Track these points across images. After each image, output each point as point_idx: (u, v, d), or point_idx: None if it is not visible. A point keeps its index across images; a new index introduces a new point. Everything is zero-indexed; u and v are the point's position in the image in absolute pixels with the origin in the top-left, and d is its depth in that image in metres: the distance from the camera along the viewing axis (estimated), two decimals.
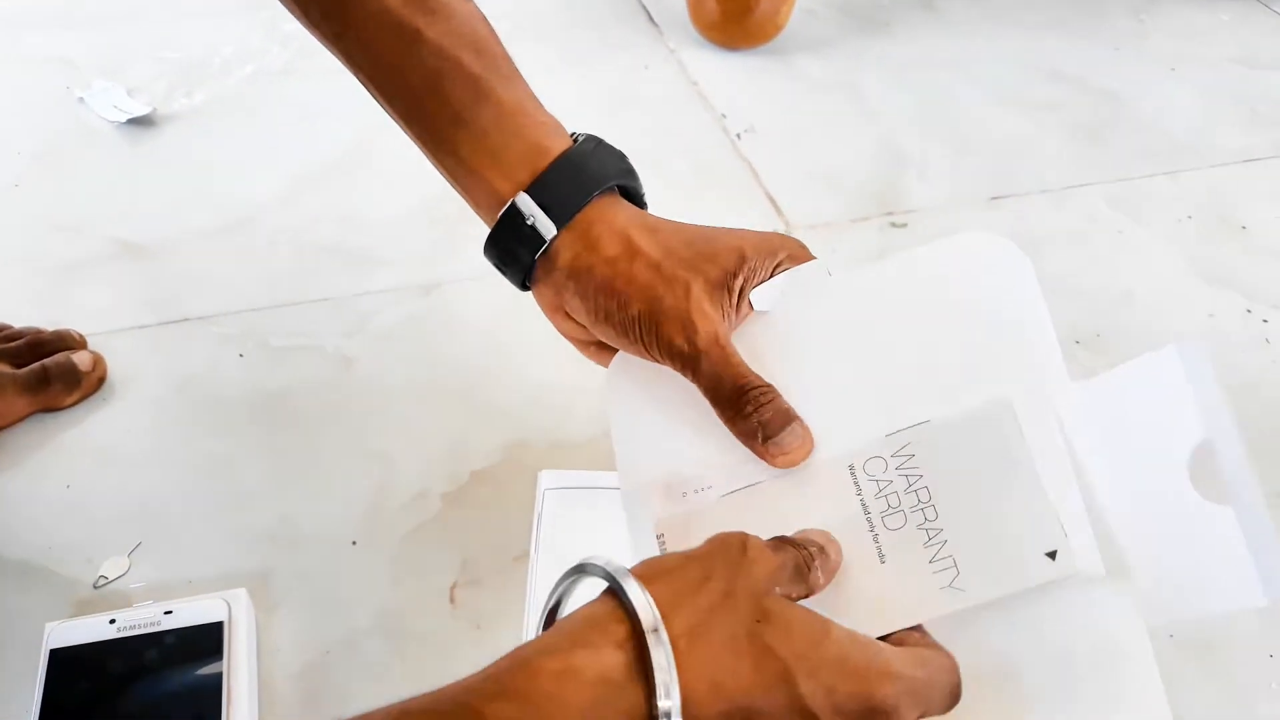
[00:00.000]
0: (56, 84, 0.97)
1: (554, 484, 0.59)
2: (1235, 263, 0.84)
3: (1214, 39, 1.14)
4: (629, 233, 0.46)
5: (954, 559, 0.41)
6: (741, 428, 0.43)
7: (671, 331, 0.43)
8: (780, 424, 0.42)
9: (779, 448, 0.42)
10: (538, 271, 0.48)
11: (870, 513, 0.42)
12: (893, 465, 0.42)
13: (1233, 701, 0.55)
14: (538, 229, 0.46)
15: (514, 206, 0.46)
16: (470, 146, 0.47)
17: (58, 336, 0.69)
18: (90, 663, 0.51)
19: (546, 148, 0.47)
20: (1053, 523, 0.40)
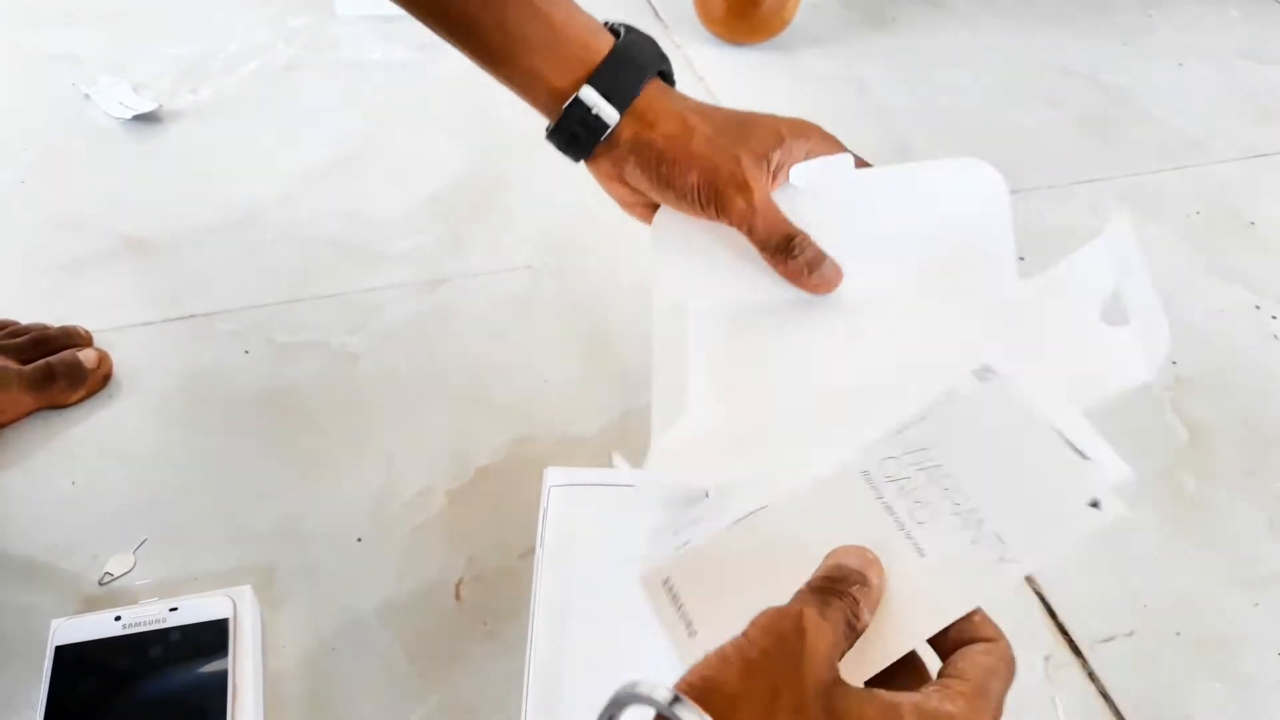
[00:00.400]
0: (62, 81, 0.97)
1: (560, 481, 0.59)
2: (1243, 258, 0.83)
3: (1222, 34, 1.14)
4: (683, 114, 0.53)
5: (997, 534, 0.40)
6: (791, 268, 0.52)
7: (730, 194, 0.52)
8: (819, 260, 0.52)
9: (821, 278, 0.52)
10: (598, 150, 0.54)
11: (896, 513, 0.41)
12: (908, 462, 0.42)
13: (1241, 699, 0.55)
14: (601, 116, 0.53)
15: (578, 100, 0.53)
16: (528, 59, 0.54)
17: (64, 333, 0.69)
18: (96, 660, 0.51)
19: (595, 46, 0.53)
20: (1088, 474, 0.40)
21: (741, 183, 0.52)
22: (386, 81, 0.99)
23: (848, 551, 0.40)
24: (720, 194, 0.52)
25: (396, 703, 0.53)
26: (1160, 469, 0.66)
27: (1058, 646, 0.57)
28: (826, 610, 0.36)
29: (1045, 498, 0.40)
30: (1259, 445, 0.68)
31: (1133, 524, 0.63)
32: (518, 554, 0.59)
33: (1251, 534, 0.63)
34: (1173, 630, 0.58)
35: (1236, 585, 0.60)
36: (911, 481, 0.42)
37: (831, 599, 0.37)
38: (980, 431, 0.42)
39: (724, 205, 0.52)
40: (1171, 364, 0.73)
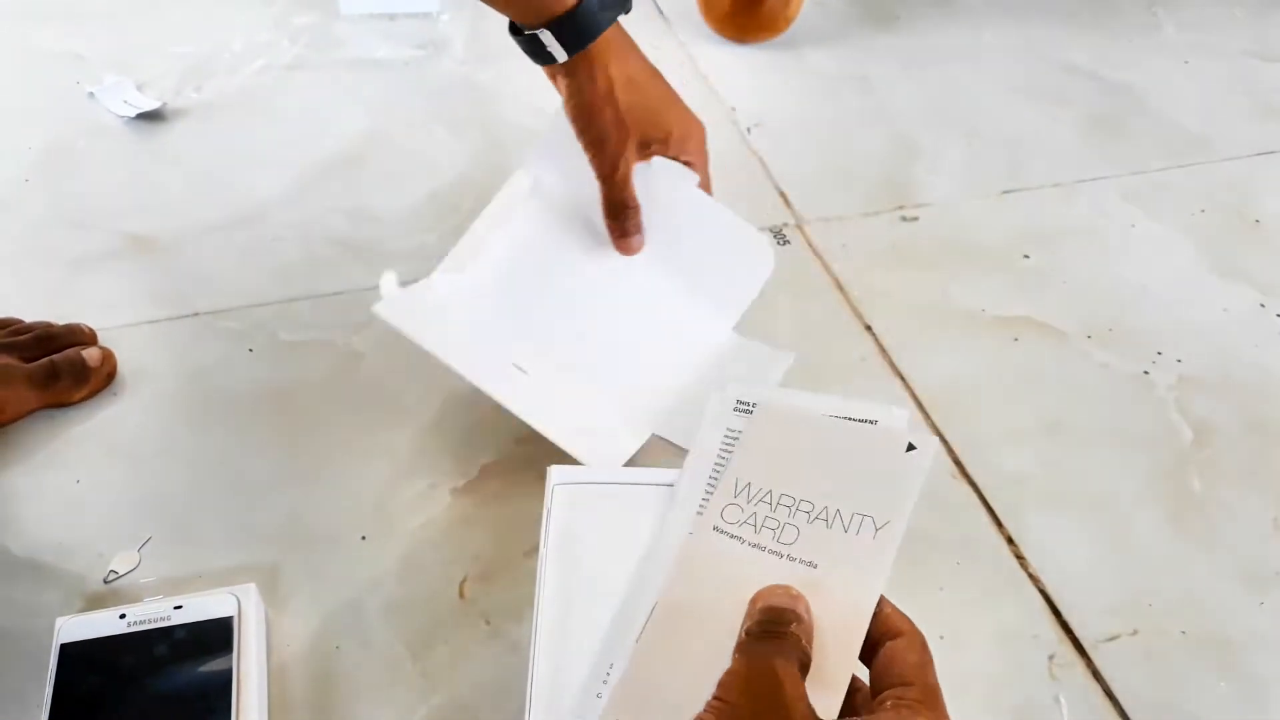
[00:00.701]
0: (66, 79, 0.97)
1: (564, 479, 0.59)
2: (1248, 256, 0.83)
3: (1228, 31, 1.14)
4: (614, 77, 0.63)
5: (857, 513, 0.43)
6: (613, 227, 0.68)
7: (608, 159, 0.65)
8: (635, 231, 0.68)
9: (627, 245, 0.68)
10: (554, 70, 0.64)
11: (767, 547, 0.44)
12: (743, 501, 0.45)
13: (1247, 698, 0.55)
14: (553, 53, 0.62)
15: (535, 35, 0.61)
16: None
17: (68, 331, 0.69)
18: (101, 658, 0.51)
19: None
20: (888, 431, 0.45)
21: (616, 157, 0.64)
22: (390, 80, 0.99)
23: (771, 592, 0.41)
24: (603, 151, 0.64)
25: (400, 701, 0.53)
26: (1165, 468, 0.66)
27: (1062, 646, 0.56)
28: (785, 652, 0.37)
29: (873, 467, 0.44)
30: (1264, 444, 0.68)
31: (1137, 523, 0.63)
32: (522, 552, 0.59)
33: (1257, 533, 0.63)
34: (1178, 629, 0.57)
35: (1242, 584, 0.60)
36: (758, 514, 0.45)
37: (779, 642, 0.38)
38: (781, 450, 0.46)
39: (600, 161, 0.65)
40: (1176, 362, 0.73)
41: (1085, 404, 0.70)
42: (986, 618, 0.58)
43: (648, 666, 0.42)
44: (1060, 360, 0.73)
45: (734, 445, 0.47)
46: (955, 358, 0.73)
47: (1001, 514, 0.63)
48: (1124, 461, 0.66)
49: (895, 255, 0.82)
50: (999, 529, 0.62)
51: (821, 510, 0.44)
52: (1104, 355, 0.74)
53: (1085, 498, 0.64)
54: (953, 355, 0.73)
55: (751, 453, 0.47)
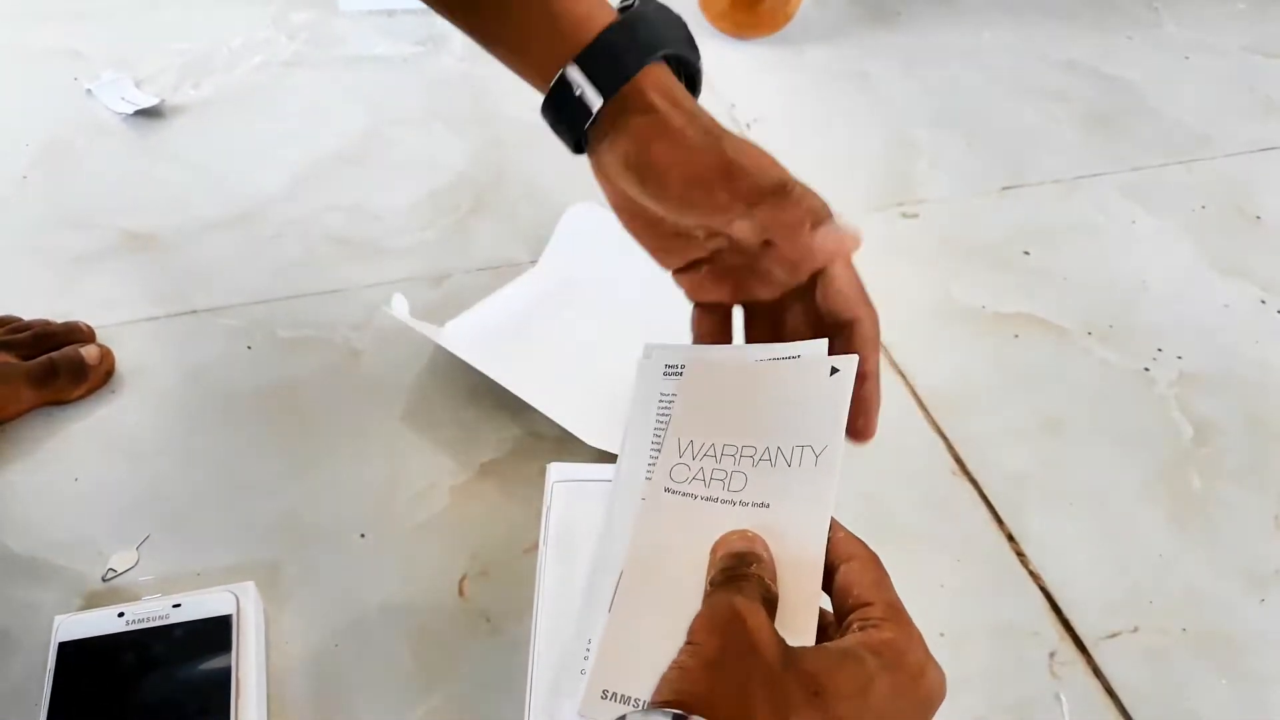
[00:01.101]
0: (64, 76, 0.97)
1: (563, 476, 0.58)
2: (1249, 253, 0.83)
3: (1228, 28, 1.13)
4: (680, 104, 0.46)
5: (796, 446, 0.43)
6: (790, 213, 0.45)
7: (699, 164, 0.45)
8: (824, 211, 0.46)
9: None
10: (591, 134, 0.48)
11: (718, 497, 0.44)
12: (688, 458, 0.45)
13: (1247, 696, 0.55)
14: (585, 99, 0.46)
15: (563, 78, 0.47)
16: (520, 33, 0.49)
17: (66, 328, 0.69)
18: (99, 656, 0.51)
19: (591, 20, 0.47)
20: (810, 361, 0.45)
21: (733, 168, 0.45)
22: (389, 77, 0.98)
23: (728, 539, 0.41)
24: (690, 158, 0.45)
25: (400, 699, 0.53)
26: (1165, 465, 0.66)
27: (1062, 643, 0.56)
28: (743, 586, 0.38)
29: (803, 396, 0.44)
30: (1265, 441, 0.68)
31: (1138, 520, 0.63)
32: (521, 550, 0.59)
33: (1257, 530, 0.63)
34: (1178, 627, 0.57)
35: (1242, 582, 0.60)
36: (705, 469, 0.45)
37: (741, 582, 0.38)
38: (716, 402, 0.46)
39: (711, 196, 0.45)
40: (1177, 359, 0.73)
41: (1086, 401, 0.70)
42: (987, 615, 0.57)
43: (624, 633, 0.42)
44: (1060, 357, 0.73)
45: (670, 408, 0.47)
46: (955, 355, 0.73)
47: (1002, 511, 0.63)
48: (1124, 459, 0.66)
49: (895, 252, 0.82)
50: (999, 526, 0.62)
51: (764, 452, 0.44)
52: (1104, 352, 0.74)
53: (1086, 495, 0.64)
54: (953, 352, 0.73)
55: (688, 411, 0.47)
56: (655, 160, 0.45)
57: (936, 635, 0.41)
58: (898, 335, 0.73)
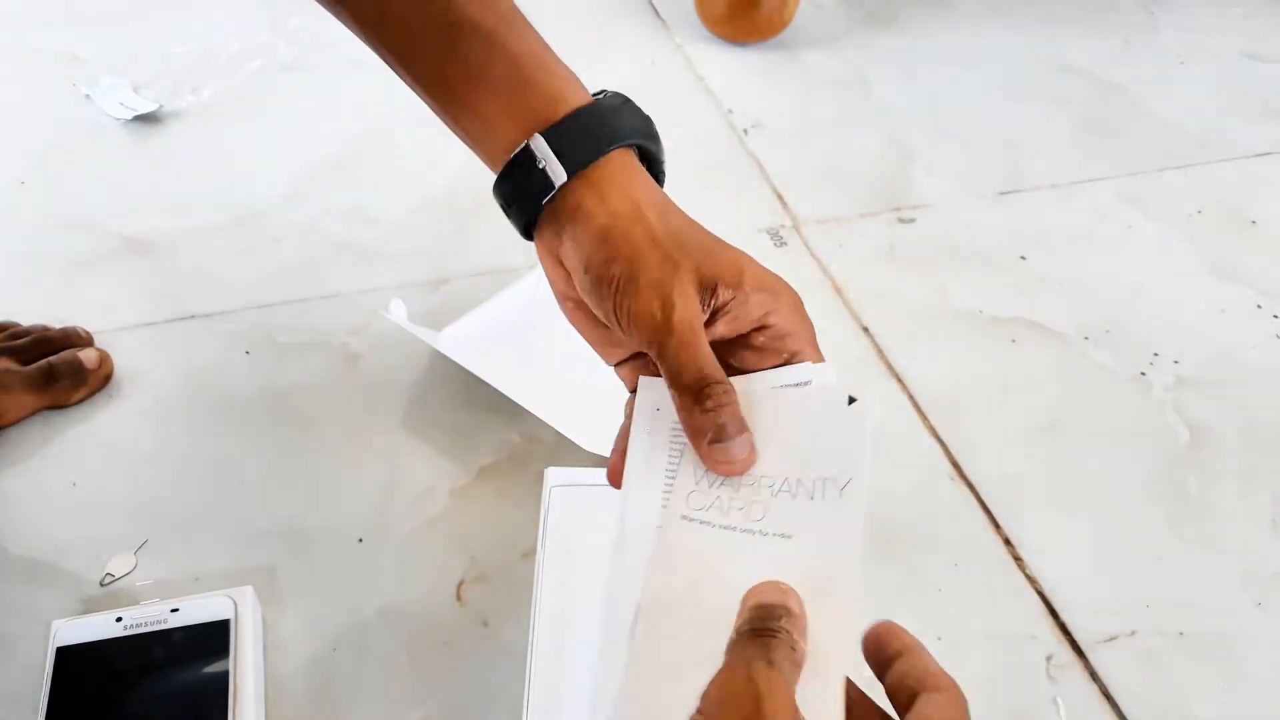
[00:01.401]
0: (63, 81, 0.97)
1: (561, 481, 0.59)
2: (1246, 258, 0.83)
3: (1224, 32, 1.14)
4: (639, 200, 0.44)
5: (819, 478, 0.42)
6: (696, 422, 0.41)
7: (647, 300, 0.42)
8: (736, 430, 0.41)
9: (726, 454, 0.41)
10: (543, 216, 0.46)
11: (739, 527, 0.42)
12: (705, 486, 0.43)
13: (1244, 699, 0.55)
14: (548, 172, 0.45)
15: (527, 148, 0.45)
16: (482, 101, 0.47)
17: (64, 334, 0.69)
18: (97, 660, 0.51)
19: (563, 98, 0.46)
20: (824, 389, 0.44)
21: (665, 293, 0.41)
22: (386, 81, 0.98)
23: (760, 590, 0.38)
24: (638, 296, 0.42)
25: (398, 703, 0.53)
26: (1162, 469, 0.66)
27: (1060, 646, 0.56)
28: (770, 654, 0.35)
29: (820, 426, 0.43)
30: (1261, 445, 0.68)
31: (1135, 524, 0.63)
32: (519, 554, 0.59)
33: (1254, 534, 0.63)
34: (1175, 630, 0.58)
35: (1239, 585, 0.60)
36: (723, 497, 0.43)
37: (767, 639, 0.36)
38: None
39: (636, 312, 0.42)
40: (1174, 363, 0.73)
41: (1083, 405, 0.70)
42: (984, 619, 0.58)
43: (646, 674, 0.41)
44: (1058, 361, 0.73)
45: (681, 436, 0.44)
46: (952, 359, 0.73)
47: (999, 515, 0.63)
48: (1121, 463, 0.66)
49: (892, 257, 0.82)
50: (996, 530, 0.62)
51: (783, 483, 0.42)
52: (1101, 356, 0.74)
53: (1083, 499, 0.64)
54: (950, 357, 0.73)
55: None
56: (601, 254, 0.43)
57: (934, 639, 0.41)
58: (894, 340, 0.74)
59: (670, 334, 0.41)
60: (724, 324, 0.43)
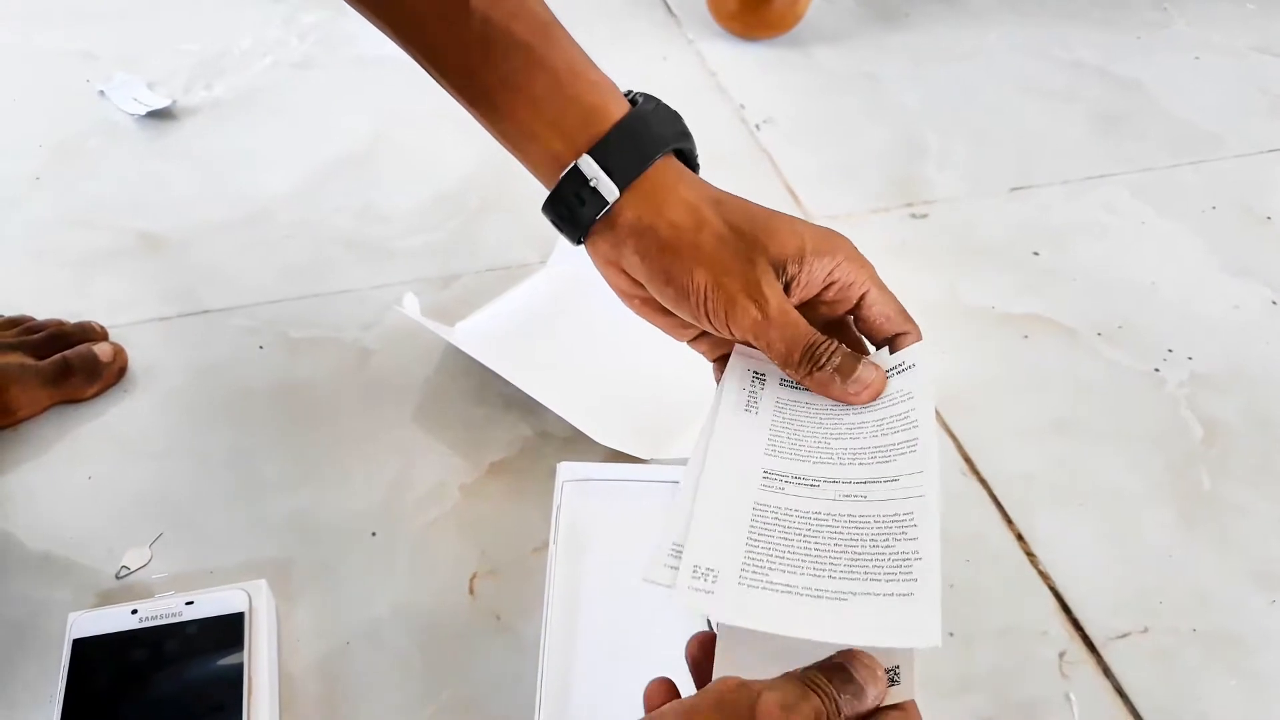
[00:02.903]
0: (77, 77, 0.97)
1: (573, 476, 0.59)
2: (1259, 254, 0.83)
3: (1237, 28, 1.13)
4: (694, 202, 0.47)
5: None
6: (820, 379, 0.45)
7: (742, 304, 0.45)
8: (853, 362, 0.45)
9: (859, 384, 0.45)
10: (596, 227, 0.48)
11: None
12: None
13: (1257, 696, 0.54)
14: (599, 191, 0.47)
15: (576, 169, 0.47)
16: (526, 112, 0.48)
17: (79, 328, 0.69)
18: (112, 653, 0.51)
19: (605, 111, 0.48)
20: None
21: (755, 290, 0.45)
22: (399, 78, 0.98)
23: (859, 660, 0.37)
24: (731, 300, 0.45)
25: (410, 697, 0.53)
26: (1175, 466, 0.66)
27: (1072, 643, 0.56)
28: (799, 702, 0.34)
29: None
30: (1275, 441, 0.68)
31: (1148, 520, 0.63)
32: (531, 549, 0.59)
33: (1268, 531, 0.62)
34: (1189, 627, 0.57)
35: (1252, 582, 0.60)
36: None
37: (810, 693, 0.35)
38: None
39: (734, 314, 0.45)
40: (1187, 360, 0.73)
41: (1095, 402, 0.70)
42: (997, 615, 0.57)
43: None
44: (1070, 358, 0.73)
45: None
46: (965, 355, 0.73)
47: (1011, 511, 0.63)
48: (1134, 459, 0.66)
49: (904, 252, 0.82)
50: (1009, 526, 0.62)
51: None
52: (1114, 353, 0.74)
53: (1095, 495, 0.64)
54: (962, 353, 0.73)
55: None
56: (677, 267, 0.46)
57: (946, 635, 0.41)
58: None
59: (771, 326, 0.45)
60: (796, 294, 0.46)
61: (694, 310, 0.46)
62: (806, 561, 0.40)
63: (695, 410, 0.64)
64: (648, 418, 0.65)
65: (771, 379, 0.48)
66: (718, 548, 0.40)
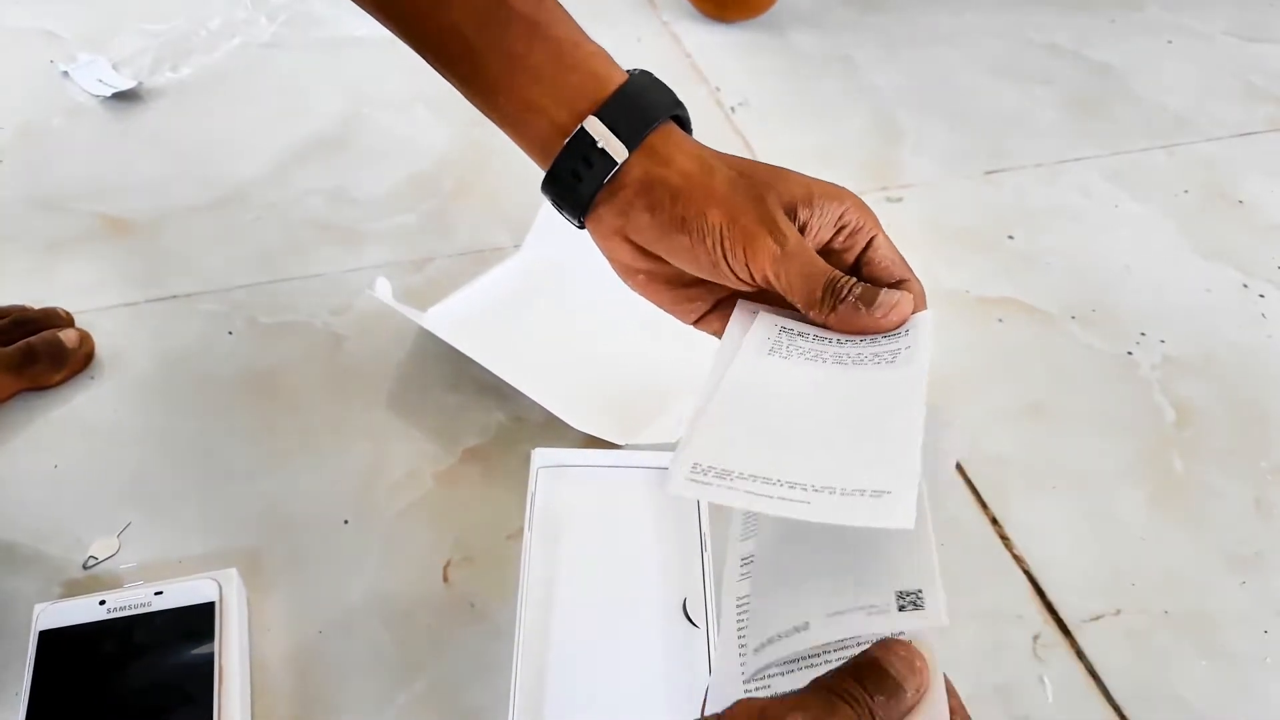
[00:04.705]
0: (40, 57, 0.95)
1: (547, 462, 0.59)
2: (1231, 237, 0.83)
3: (1210, 12, 1.14)
4: (701, 155, 0.47)
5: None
6: (844, 312, 0.44)
7: (760, 238, 0.44)
8: (873, 294, 0.44)
9: (884, 307, 0.44)
10: (599, 196, 0.47)
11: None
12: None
13: (1229, 677, 0.55)
14: (608, 151, 0.46)
15: (583, 130, 0.46)
16: (527, 86, 0.48)
17: (44, 314, 0.68)
18: (80, 644, 0.50)
19: (606, 77, 0.48)
20: None
21: (772, 225, 0.44)
22: (369, 59, 0.97)
23: (893, 650, 0.34)
24: (750, 236, 0.44)
25: (384, 685, 0.52)
26: (1148, 449, 0.66)
27: (1046, 626, 0.57)
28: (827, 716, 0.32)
29: None
30: (1246, 424, 0.68)
31: (1121, 503, 0.63)
32: (506, 535, 0.59)
33: (1238, 513, 0.63)
34: (1161, 609, 0.58)
35: (1224, 564, 0.60)
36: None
37: (839, 705, 0.32)
38: None
39: (753, 250, 0.44)
40: (1160, 343, 0.73)
41: (1069, 385, 0.70)
42: (971, 599, 0.58)
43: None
44: (1044, 341, 0.73)
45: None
46: (939, 339, 0.72)
47: (986, 495, 0.63)
48: (1108, 442, 0.67)
49: None
50: (984, 510, 0.62)
51: None
52: (1088, 336, 0.74)
53: (1069, 479, 0.64)
54: (937, 337, 0.73)
55: None
56: (691, 210, 0.45)
57: None
58: None
59: (792, 259, 0.44)
60: (809, 238, 0.46)
61: (710, 253, 0.45)
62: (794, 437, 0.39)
63: (672, 396, 0.64)
64: (623, 403, 0.65)
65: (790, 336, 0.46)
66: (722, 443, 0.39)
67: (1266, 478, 0.65)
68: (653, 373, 0.65)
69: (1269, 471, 0.65)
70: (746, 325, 0.46)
